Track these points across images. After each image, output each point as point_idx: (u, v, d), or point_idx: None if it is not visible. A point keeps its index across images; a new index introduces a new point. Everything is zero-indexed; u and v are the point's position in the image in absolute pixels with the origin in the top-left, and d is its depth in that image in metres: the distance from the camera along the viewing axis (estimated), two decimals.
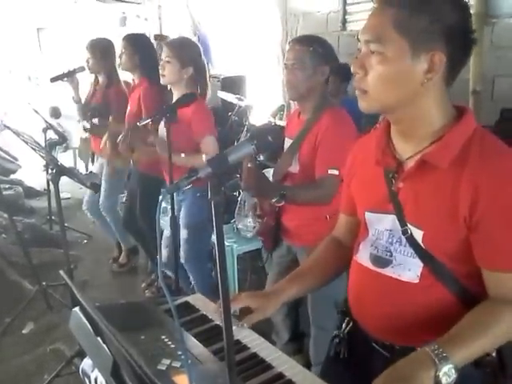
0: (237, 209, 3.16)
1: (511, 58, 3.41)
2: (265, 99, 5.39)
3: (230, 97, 4.66)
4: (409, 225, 1.08)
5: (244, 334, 1.33)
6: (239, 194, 3.27)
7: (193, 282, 2.86)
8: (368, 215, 1.19)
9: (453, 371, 0.92)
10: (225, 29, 6.27)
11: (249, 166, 1.88)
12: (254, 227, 2.94)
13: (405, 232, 1.08)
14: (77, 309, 1.29)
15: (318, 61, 1.97)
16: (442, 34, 0.98)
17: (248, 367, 1.21)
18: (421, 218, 1.06)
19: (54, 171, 2.21)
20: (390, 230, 1.13)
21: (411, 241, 1.08)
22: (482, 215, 0.98)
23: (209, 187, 0.95)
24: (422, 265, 1.08)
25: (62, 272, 1.19)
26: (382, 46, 0.99)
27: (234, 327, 1.19)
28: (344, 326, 1.29)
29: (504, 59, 3.40)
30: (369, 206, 1.19)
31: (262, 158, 3.64)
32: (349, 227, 1.35)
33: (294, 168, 2.07)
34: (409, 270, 1.10)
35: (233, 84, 5.54)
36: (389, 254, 1.13)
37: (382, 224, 1.15)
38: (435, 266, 1.07)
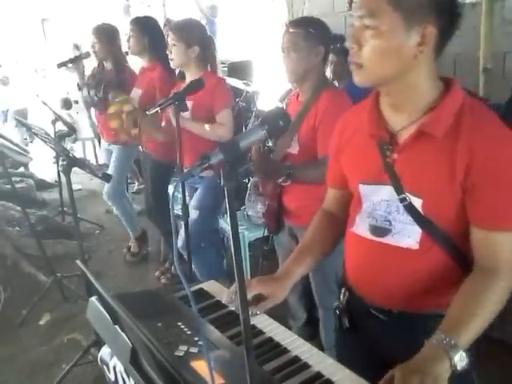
0: (247, 195, 3.16)
1: None
2: (272, 84, 5.35)
3: (236, 82, 4.63)
4: (407, 194, 1.11)
5: (259, 318, 1.33)
6: (249, 180, 3.27)
7: (193, 266, 2.86)
8: (362, 187, 1.22)
9: (464, 355, 0.97)
10: (230, 13, 6.22)
11: (256, 149, 1.90)
12: (260, 211, 2.94)
13: (403, 200, 1.12)
14: (94, 298, 1.30)
15: (312, 42, 1.98)
16: (433, 6, 1.01)
17: (264, 351, 1.22)
18: (419, 186, 1.10)
19: (66, 163, 2.21)
20: (388, 200, 1.16)
21: (409, 208, 1.11)
22: (476, 177, 1.03)
23: (221, 174, 0.95)
24: (420, 231, 1.12)
25: (78, 262, 1.20)
26: (376, 20, 1.02)
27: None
28: (341, 296, 1.34)
29: None
30: (363, 178, 1.22)
31: (270, 143, 3.63)
32: (338, 200, 1.39)
33: (294, 149, 2.08)
34: (408, 236, 1.13)
35: (239, 69, 5.50)
36: (388, 223, 1.16)
37: (379, 195, 1.17)
38: (433, 231, 1.11)
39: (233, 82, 4.73)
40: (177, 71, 3.05)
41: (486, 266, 1.06)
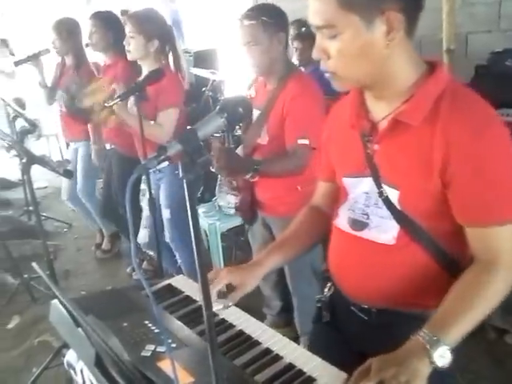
0: (217, 186, 3.12)
1: (483, 13, 3.37)
2: (238, 72, 5.29)
3: (203, 72, 4.56)
4: (384, 186, 1.07)
5: (229, 311, 1.30)
6: None
7: (179, 261, 2.83)
8: (346, 180, 1.18)
9: (448, 352, 0.92)
10: (194, 1, 6.11)
11: (218, 146, 1.85)
12: (237, 203, 2.91)
13: (381, 194, 1.08)
14: (56, 301, 1.25)
15: (271, 31, 1.90)
16: None
17: (235, 345, 1.19)
18: (396, 177, 1.05)
19: (25, 160, 2.13)
20: (367, 193, 1.12)
21: (387, 202, 1.07)
22: (455, 170, 0.97)
23: (180, 165, 0.91)
24: (398, 226, 1.07)
25: (34, 264, 1.15)
26: (334, 29, 0.97)
27: (219, 306, 1.17)
28: (326, 290, 1.31)
29: (476, 16, 3.36)
30: (346, 171, 1.18)
31: (239, 132, 3.59)
32: (327, 194, 1.34)
33: (263, 139, 2.03)
34: (385, 232, 1.09)
35: (205, 58, 5.41)
36: (365, 216, 1.13)
37: (360, 187, 1.14)
38: (411, 226, 1.06)
39: (199, 71, 4.66)
40: None
41: (485, 258, 1.01)
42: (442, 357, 0.91)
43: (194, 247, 0.84)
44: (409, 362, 0.90)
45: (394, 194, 1.06)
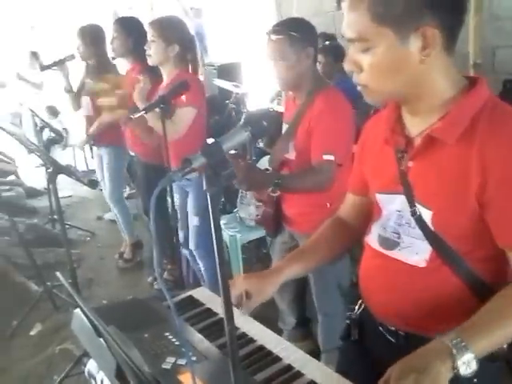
0: (239, 198, 3.13)
1: (511, 28, 3.34)
2: (261, 85, 5.32)
3: (226, 84, 4.61)
4: (418, 205, 1.03)
5: (250, 326, 1.30)
6: None
7: (202, 269, 2.83)
8: (379, 196, 1.15)
9: (472, 361, 0.87)
10: (219, 15, 6.20)
11: (240, 162, 1.85)
12: (257, 215, 2.91)
13: (413, 213, 1.04)
14: (78, 310, 1.26)
15: (299, 46, 1.86)
16: (424, 7, 0.91)
17: (256, 360, 1.18)
18: (429, 197, 1.02)
19: (51, 170, 2.18)
20: (399, 211, 1.08)
21: (420, 222, 1.03)
22: (493, 192, 0.93)
23: (204, 178, 0.91)
24: (430, 248, 1.03)
25: (58, 273, 1.16)
26: (367, 42, 0.95)
27: (241, 317, 1.15)
28: (357, 308, 1.26)
29: (503, 30, 3.33)
30: (379, 187, 1.15)
31: (261, 144, 3.60)
32: (356, 207, 1.30)
33: (291, 154, 2.00)
34: (416, 253, 1.05)
35: (229, 71, 5.49)
36: (396, 235, 1.09)
37: (393, 205, 1.10)
38: (444, 249, 1.02)
39: (222, 83, 4.72)
40: None
41: None
42: (467, 365, 0.86)
43: (217, 261, 0.84)
44: (431, 365, 0.86)
45: (427, 214, 1.02)
